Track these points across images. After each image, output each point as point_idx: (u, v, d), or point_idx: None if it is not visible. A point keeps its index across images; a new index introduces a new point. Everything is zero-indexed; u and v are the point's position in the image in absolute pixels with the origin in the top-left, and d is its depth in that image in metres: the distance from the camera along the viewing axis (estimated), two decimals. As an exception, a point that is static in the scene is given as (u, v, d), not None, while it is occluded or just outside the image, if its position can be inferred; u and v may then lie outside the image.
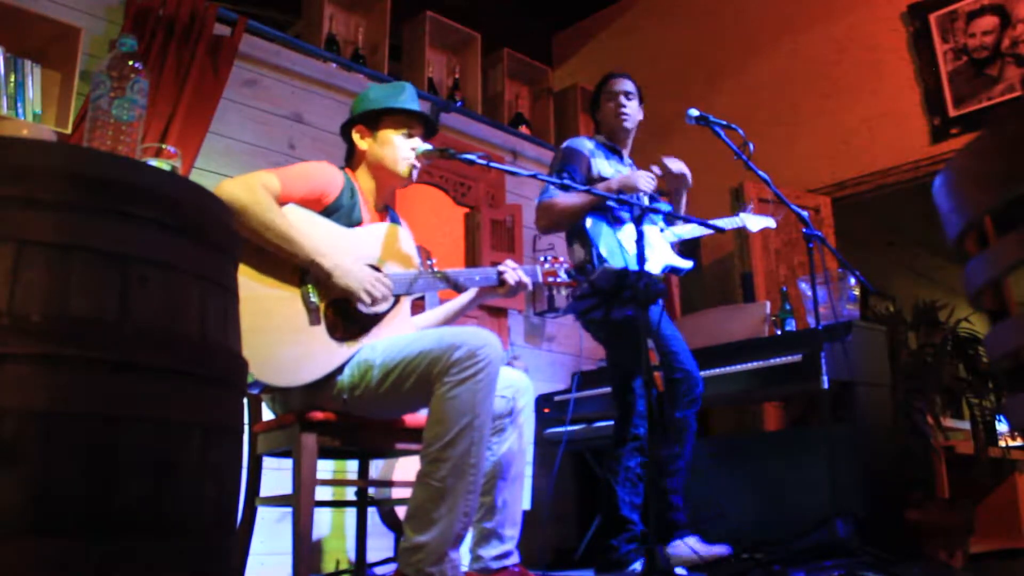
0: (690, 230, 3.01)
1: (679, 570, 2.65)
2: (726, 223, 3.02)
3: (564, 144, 2.91)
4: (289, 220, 1.96)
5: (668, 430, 2.80)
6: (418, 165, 2.26)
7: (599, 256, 2.64)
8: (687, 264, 2.90)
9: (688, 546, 2.69)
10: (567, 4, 5.83)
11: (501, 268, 2.27)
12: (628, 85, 3.00)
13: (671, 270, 2.87)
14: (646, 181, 2.71)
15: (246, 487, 2.17)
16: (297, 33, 4.13)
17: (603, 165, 2.84)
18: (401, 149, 2.23)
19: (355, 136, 2.28)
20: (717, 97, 4.89)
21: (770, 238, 4.46)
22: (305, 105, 3.75)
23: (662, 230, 2.95)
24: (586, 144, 2.88)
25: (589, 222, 2.71)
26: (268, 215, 1.91)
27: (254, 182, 1.93)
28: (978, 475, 3.98)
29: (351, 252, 2.05)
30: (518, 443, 2.13)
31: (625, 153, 3.02)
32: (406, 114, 2.26)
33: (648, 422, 2.80)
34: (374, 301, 2.04)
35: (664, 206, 2.92)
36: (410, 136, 2.25)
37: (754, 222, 3.15)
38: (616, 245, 2.70)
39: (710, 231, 2.88)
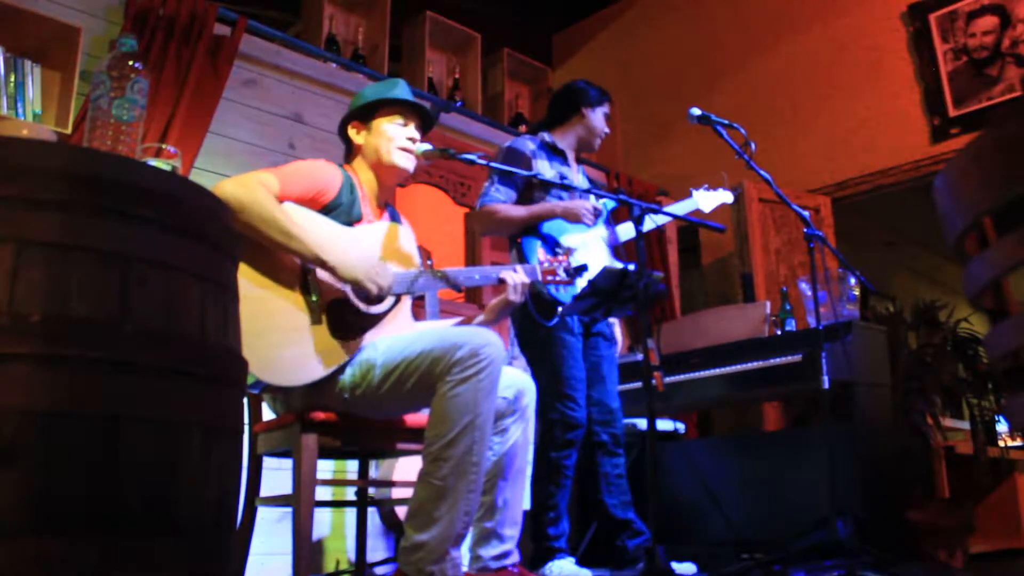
0: (623, 236, 2.98)
1: (687, 568, 2.67)
2: (680, 208, 3.00)
3: (506, 144, 2.88)
4: (291, 217, 1.96)
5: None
6: (413, 152, 2.22)
7: None
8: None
9: None
10: (567, 4, 5.83)
11: (503, 272, 2.25)
12: None
13: None
14: (587, 214, 2.76)
15: (246, 487, 2.17)
16: (297, 33, 4.14)
17: (544, 167, 2.82)
18: (396, 139, 2.22)
19: (351, 132, 2.28)
20: (717, 97, 4.89)
21: (770, 238, 4.46)
22: (305, 105, 3.75)
23: (608, 235, 2.93)
24: (528, 145, 2.85)
25: (520, 239, 2.76)
26: (269, 212, 1.91)
27: (252, 180, 1.93)
28: (978, 475, 3.98)
29: (352, 249, 2.05)
30: (520, 443, 2.12)
31: (571, 156, 2.99)
32: (399, 104, 2.25)
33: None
34: (380, 290, 2.03)
35: (609, 202, 2.95)
36: (404, 125, 2.24)
37: (708, 200, 3.10)
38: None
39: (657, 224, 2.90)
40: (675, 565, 2.67)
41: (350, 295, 2.06)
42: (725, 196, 3.16)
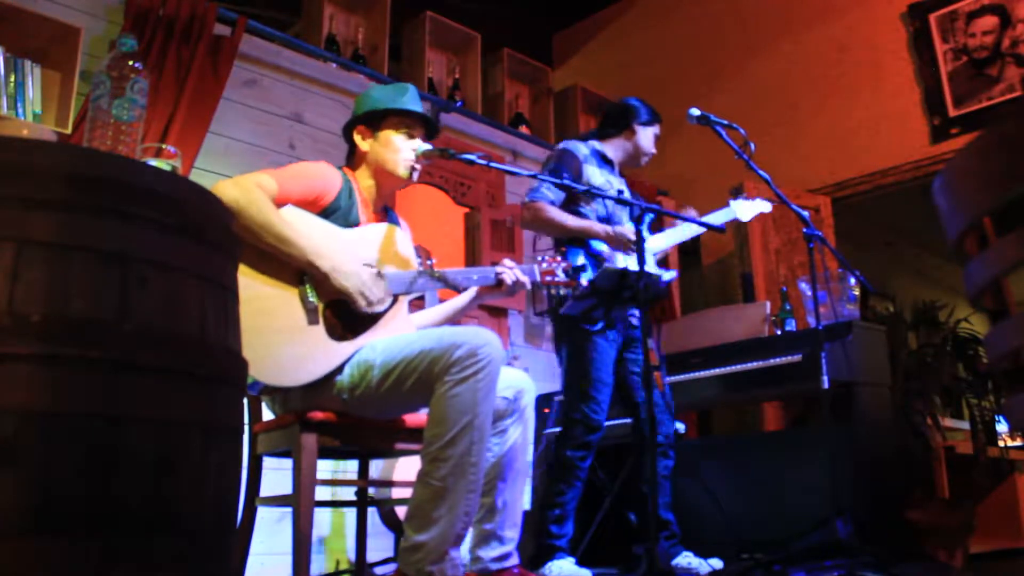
0: (665, 244, 3.01)
1: (698, 564, 2.70)
2: (718, 217, 3.04)
3: (560, 145, 2.93)
4: (286, 221, 1.95)
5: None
6: (418, 167, 2.25)
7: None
8: (670, 275, 2.94)
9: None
10: (567, 4, 5.83)
11: (499, 269, 2.27)
12: None
13: None
14: (631, 242, 2.77)
15: (246, 487, 2.17)
16: (297, 33, 4.13)
17: (594, 173, 2.86)
18: (402, 150, 2.22)
19: (356, 137, 2.27)
20: (717, 97, 4.89)
21: (770, 238, 4.46)
22: (305, 105, 3.75)
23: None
24: (581, 149, 2.89)
25: (564, 247, 2.79)
26: (264, 216, 1.90)
27: (250, 183, 1.93)
28: (978, 475, 3.98)
29: (349, 253, 2.05)
30: (520, 443, 2.12)
31: (617, 168, 3.04)
32: (408, 115, 2.25)
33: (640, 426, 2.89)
34: (369, 304, 2.04)
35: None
36: (411, 137, 2.25)
37: (746, 209, 3.13)
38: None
39: (694, 234, 2.93)
40: (702, 561, 2.72)
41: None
42: (763, 206, 3.20)
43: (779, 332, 3.55)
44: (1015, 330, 0.80)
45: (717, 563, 2.73)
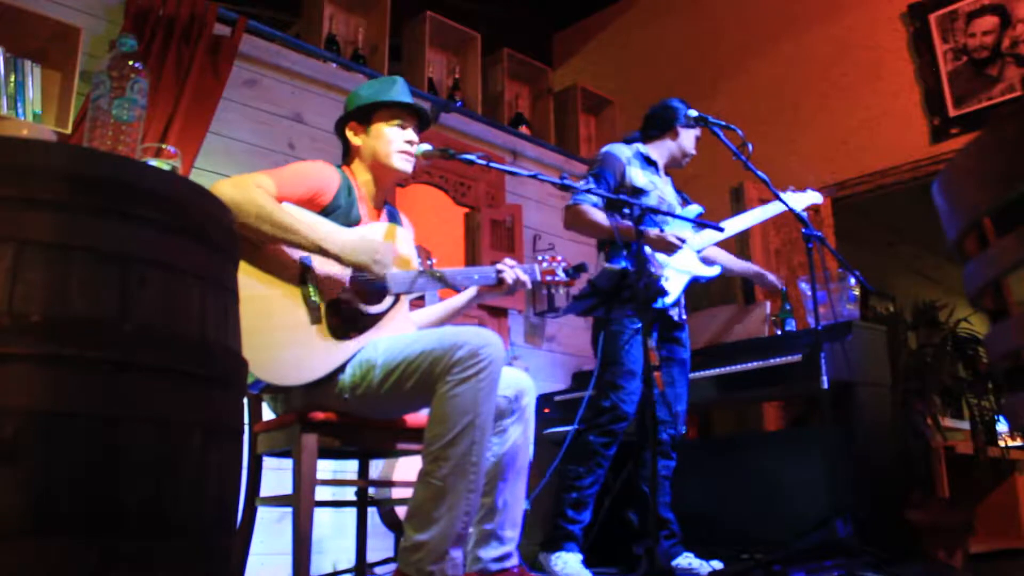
0: (704, 243, 3.03)
1: (699, 564, 2.71)
2: (765, 212, 3.07)
3: (603, 149, 2.97)
4: (287, 210, 1.95)
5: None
6: (413, 158, 2.24)
7: None
8: (713, 271, 2.97)
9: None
10: (567, 4, 5.83)
11: (499, 267, 2.27)
12: None
13: (695, 280, 2.95)
14: (670, 246, 2.82)
15: (246, 487, 2.16)
16: (297, 33, 4.13)
17: (637, 174, 2.90)
18: (395, 142, 2.22)
19: (349, 133, 2.27)
20: (717, 97, 4.89)
21: (770, 238, 4.46)
22: (305, 105, 3.75)
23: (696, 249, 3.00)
24: (624, 151, 2.93)
25: (608, 248, 2.86)
26: (264, 209, 1.89)
27: (248, 181, 1.93)
28: (978, 475, 3.98)
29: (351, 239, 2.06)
30: (520, 443, 2.12)
31: (662, 169, 3.07)
32: (398, 107, 2.25)
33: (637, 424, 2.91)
34: (385, 268, 2.04)
35: (695, 207, 3.04)
36: (403, 128, 2.25)
37: (796, 202, 3.12)
38: None
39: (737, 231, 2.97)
40: (702, 562, 2.73)
41: (350, 296, 2.06)
42: (814, 197, 3.21)
43: (779, 332, 3.55)
44: (1015, 330, 0.80)
45: (717, 564, 2.73)
